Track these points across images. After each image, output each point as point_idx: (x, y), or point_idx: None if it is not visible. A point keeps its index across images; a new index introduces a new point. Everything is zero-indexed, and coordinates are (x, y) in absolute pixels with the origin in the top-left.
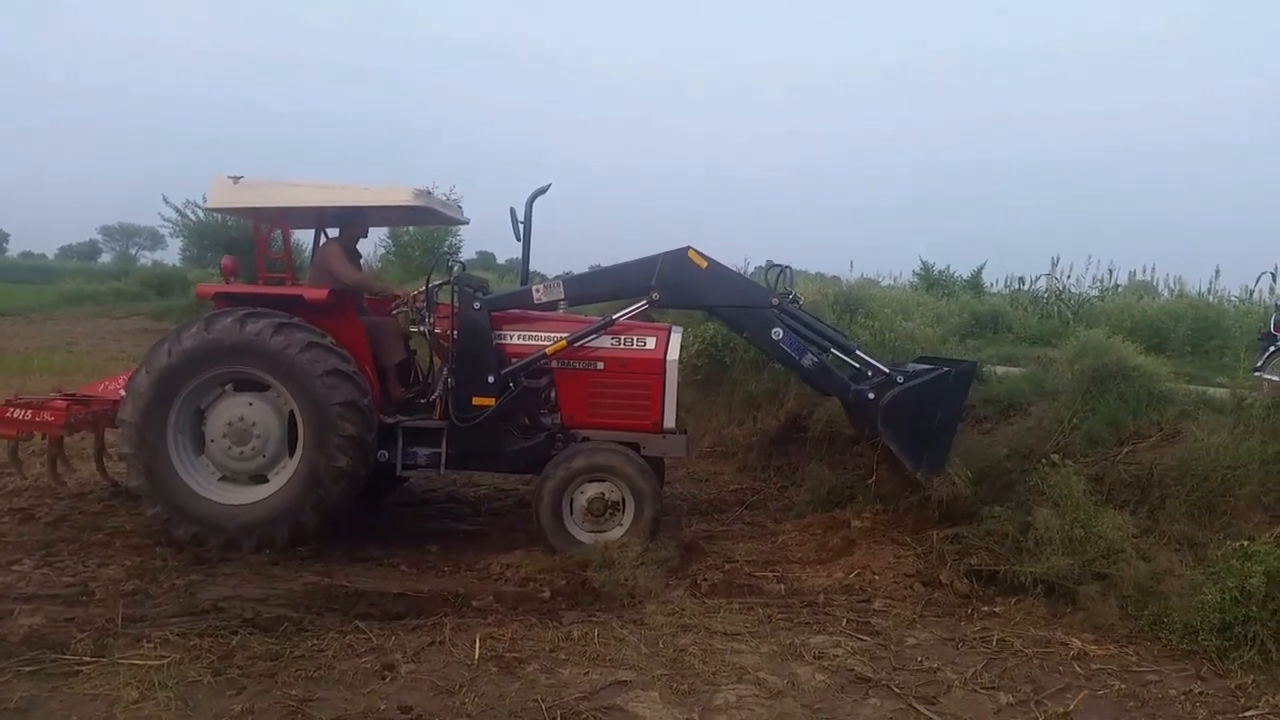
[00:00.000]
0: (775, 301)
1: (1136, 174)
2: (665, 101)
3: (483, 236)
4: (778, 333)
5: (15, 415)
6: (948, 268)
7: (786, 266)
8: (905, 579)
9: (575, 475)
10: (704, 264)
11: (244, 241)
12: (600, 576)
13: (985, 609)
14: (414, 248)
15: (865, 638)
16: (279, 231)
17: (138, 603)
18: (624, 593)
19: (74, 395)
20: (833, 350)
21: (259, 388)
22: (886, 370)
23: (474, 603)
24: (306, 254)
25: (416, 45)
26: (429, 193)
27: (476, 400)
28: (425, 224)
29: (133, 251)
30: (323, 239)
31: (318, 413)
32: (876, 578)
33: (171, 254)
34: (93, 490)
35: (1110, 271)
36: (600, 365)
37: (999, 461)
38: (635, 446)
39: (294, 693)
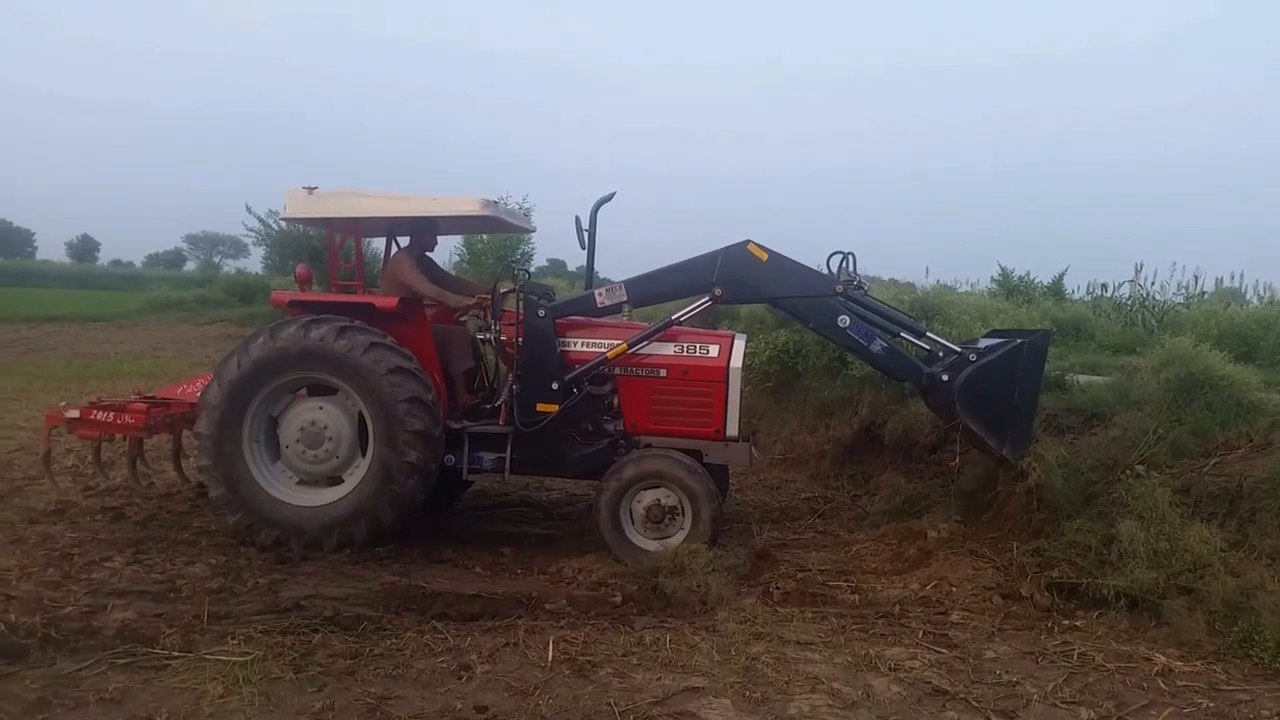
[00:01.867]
0: (840, 289)
1: (1227, 174)
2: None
3: (554, 244)
4: (844, 320)
5: (98, 417)
6: (1027, 273)
7: (850, 253)
8: (984, 591)
9: (627, 485)
10: (764, 256)
11: (324, 250)
12: (672, 583)
13: (1066, 622)
14: (487, 255)
15: (942, 650)
16: (351, 241)
17: (223, 600)
18: (695, 599)
19: (154, 398)
20: (903, 334)
21: (328, 392)
22: (958, 350)
23: (547, 605)
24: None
25: (475, 61)
26: (496, 203)
27: (540, 406)
28: (494, 232)
29: (216, 260)
30: (393, 248)
31: (385, 410)
32: (954, 589)
33: (254, 262)
34: (179, 491)
35: (1196, 278)
36: (663, 372)
37: (1082, 472)
38: (697, 454)
39: (373, 690)
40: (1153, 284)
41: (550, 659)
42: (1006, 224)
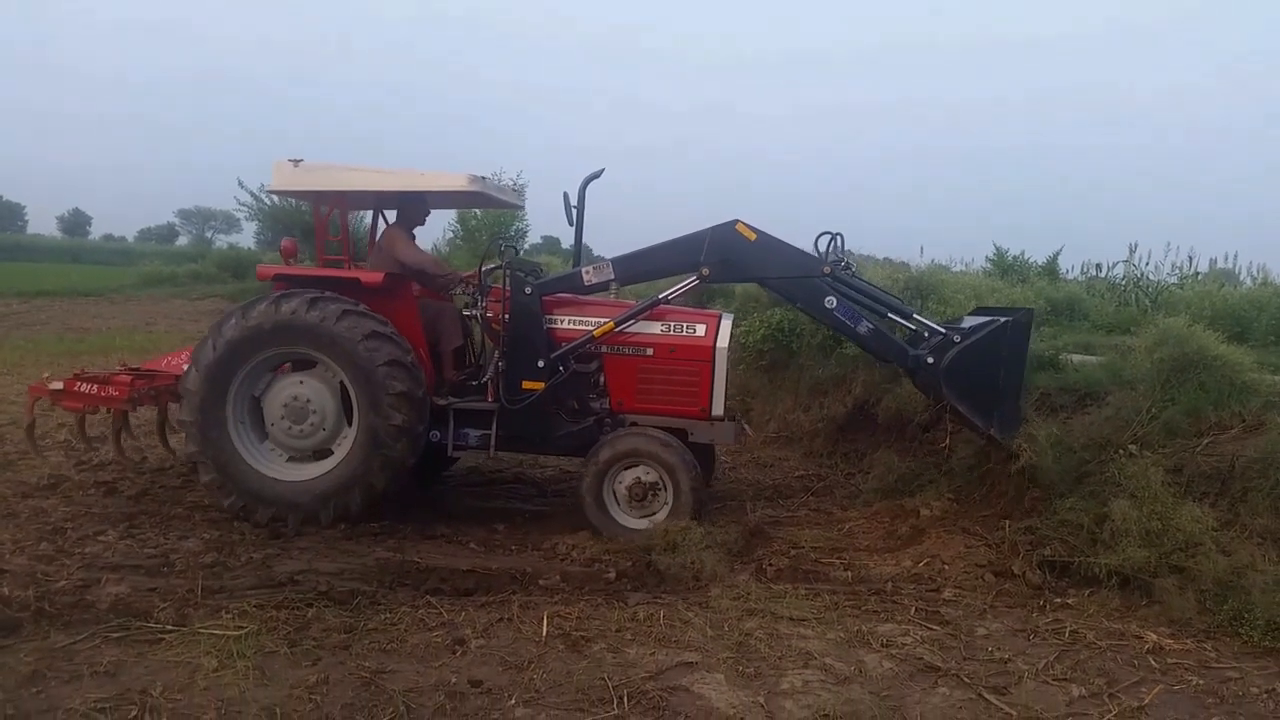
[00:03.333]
0: (827, 270)
1: (1220, 157)
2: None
3: (549, 222)
4: (831, 301)
5: (82, 389)
6: (1022, 253)
7: (838, 234)
8: (976, 569)
9: (606, 467)
10: (753, 236)
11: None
12: (665, 559)
13: (1058, 600)
14: (481, 231)
15: (934, 627)
16: (338, 214)
17: (216, 575)
18: (689, 575)
19: (138, 370)
20: (890, 315)
21: (309, 366)
22: (943, 331)
23: (541, 581)
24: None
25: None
26: (484, 179)
27: (526, 384)
28: (483, 207)
29: (209, 234)
30: (380, 221)
31: (365, 376)
32: (946, 567)
33: (246, 237)
34: (172, 465)
35: (1190, 259)
36: (650, 351)
37: (1075, 451)
38: (683, 433)
39: (367, 665)
40: (1147, 264)
41: (544, 634)
42: (1003, 205)
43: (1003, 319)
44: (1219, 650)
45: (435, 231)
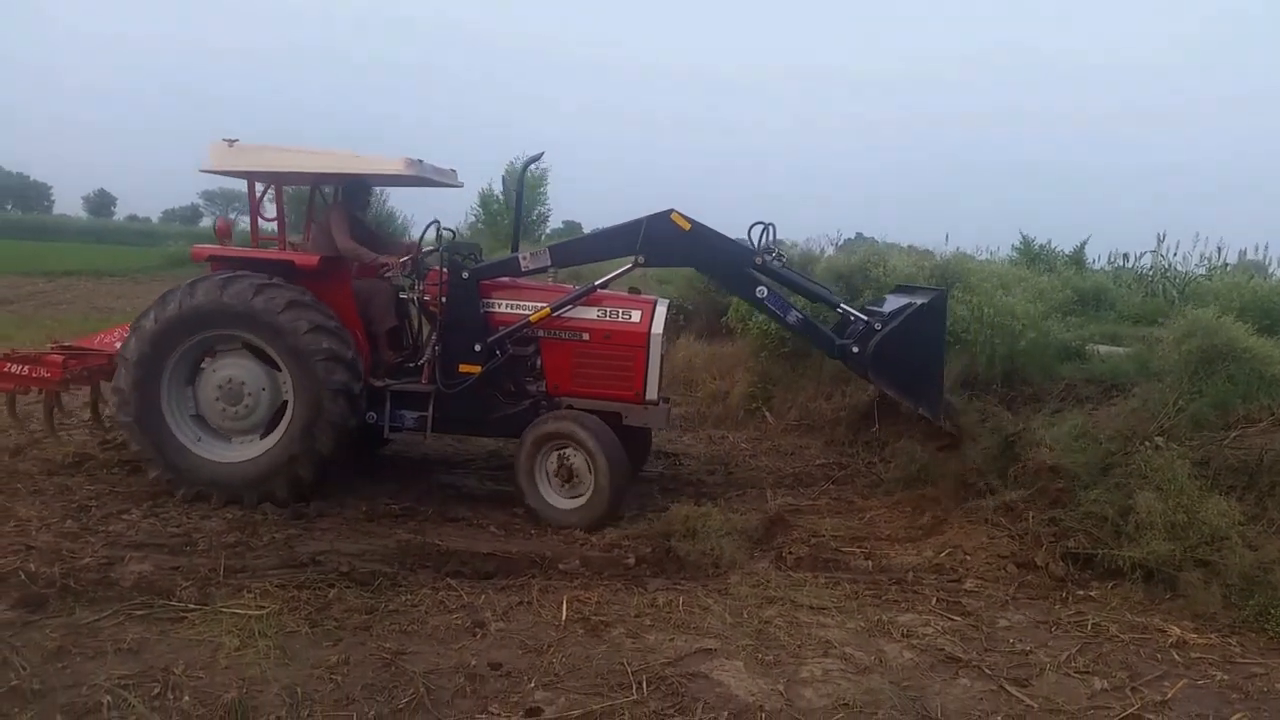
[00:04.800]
0: (759, 260)
1: (1252, 145)
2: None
3: (573, 207)
4: (762, 291)
5: (13, 370)
6: (1049, 242)
7: (770, 224)
8: (998, 560)
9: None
10: (687, 226)
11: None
12: (684, 545)
13: (1080, 593)
14: (503, 215)
15: (956, 618)
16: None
17: (239, 554)
18: (708, 562)
19: (70, 348)
20: (842, 306)
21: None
22: (865, 319)
23: (560, 565)
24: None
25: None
26: (420, 161)
27: (463, 367)
28: (424, 187)
29: (232, 216)
30: (318, 198)
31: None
32: (968, 558)
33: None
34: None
35: (1219, 249)
36: (585, 336)
37: (1100, 442)
38: (618, 416)
39: (388, 645)
40: (1174, 255)
41: (564, 618)
42: (1031, 194)
43: (918, 302)
44: (1244, 645)
45: (458, 215)
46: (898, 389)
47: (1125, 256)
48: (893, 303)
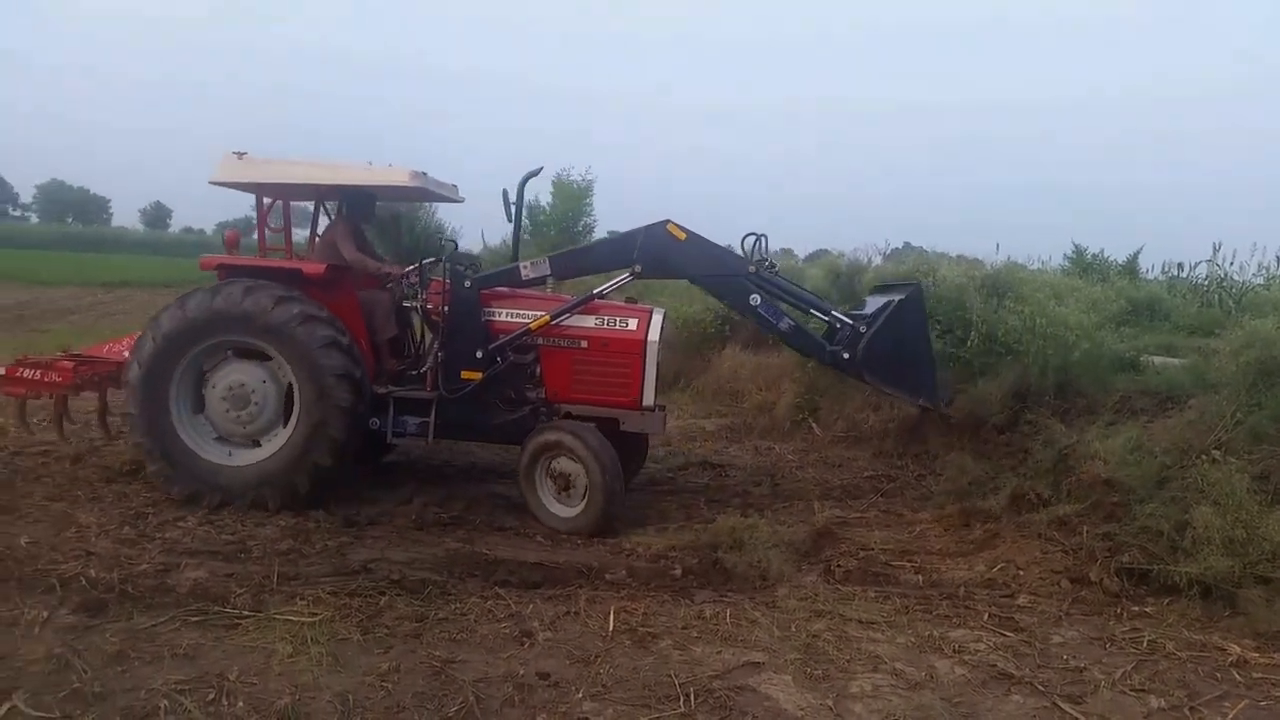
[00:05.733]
0: (752, 269)
1: None
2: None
3: (613, 220)
4: (755, 299)
5: (25, 375)
6: (1101, 252)
7: (763, 235)
8: (1052, 575)
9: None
10: (683, 236)
11: (389, 222)
12: (731, 557)
13: (1136, 609)
14: (550, 227)
15: (1008, 633)
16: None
17: (292, 562)
18: (755, 574)
19: (79, 355)
20: (813, 313)
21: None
22: (850, 323)
23: (607, 576)
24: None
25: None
26: (424, 174)
27: (465, 374)
28: (426, 201)
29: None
30: (322, 213)
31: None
32: (1021, 573)
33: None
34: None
35: (1278, 258)
36: (584, 344)
37: (1156, 456)
38: (615, 422)
39: (437, 653)
40: (1231, 264)
41: (611, 629)
42: (1083, 204)
43: (895, 298)
44: None
45: (504, 227)
46: (894, 386)
47: (1180, 266)
48: (873, 303)
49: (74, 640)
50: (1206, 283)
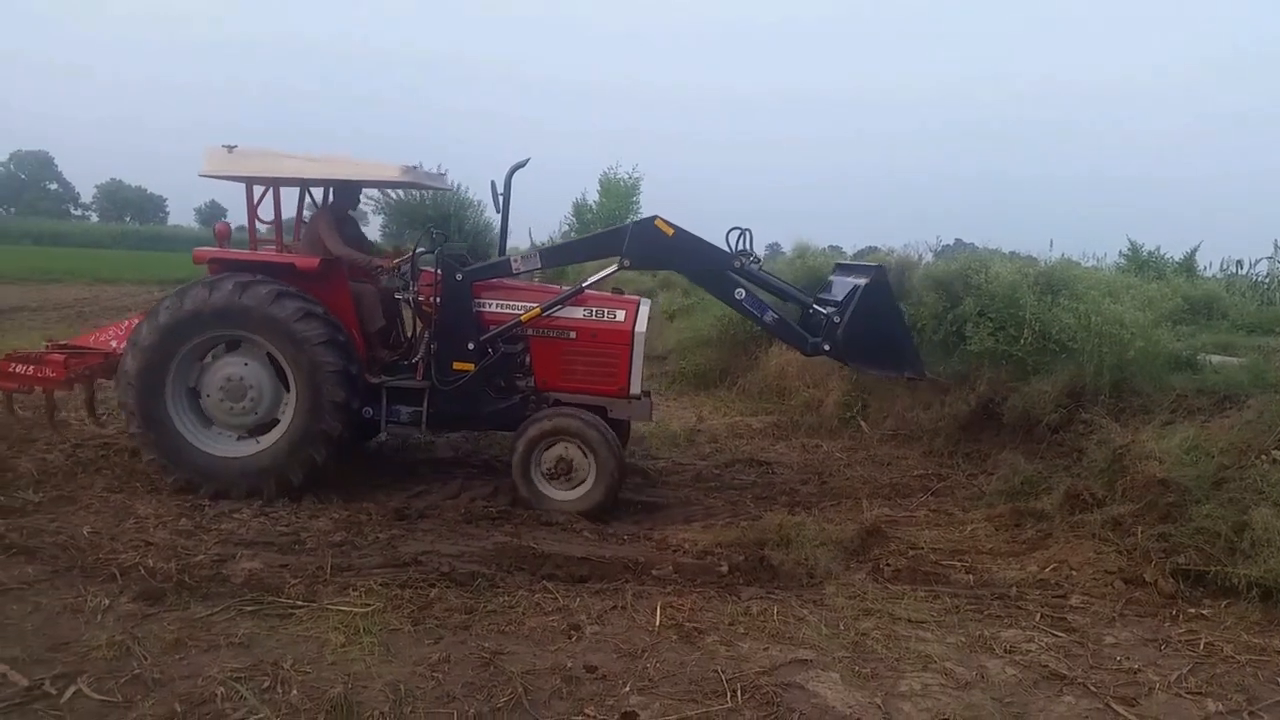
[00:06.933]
0: (737, 264)
1: None
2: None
3: (656, 207)
4: (740, 293)
5: (17, 370)
6: (1158, 249)
7: (747, 229)
8: (1106, 576)
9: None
10: (670, 231)
11: (437, 220)
12: (778, 554)
13: (1192, 611)
14: (596, 224)
15: (1060, 634)
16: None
17: (345, 553)
18: (803, 572)
19: (68, 347)
20: (791, 304)
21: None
22: (825, 313)
23: (654, 571)
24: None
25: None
26: (415, 168)
27: (457, 365)
28: (415, 189)
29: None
30: (307, 200)
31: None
32: (1074, 573)
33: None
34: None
35: None
36: (573, 334)
37: (1213, 456)
38: (603, 409)
39: (487, 645)
40: None
41: (658, 624)
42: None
43: (860, 282)
44: None
45: (552, 224)
46: (878, 366)
47: (1239, 264)
48: (839, 286)
49: (134, 628)
50: (1267, 280)
